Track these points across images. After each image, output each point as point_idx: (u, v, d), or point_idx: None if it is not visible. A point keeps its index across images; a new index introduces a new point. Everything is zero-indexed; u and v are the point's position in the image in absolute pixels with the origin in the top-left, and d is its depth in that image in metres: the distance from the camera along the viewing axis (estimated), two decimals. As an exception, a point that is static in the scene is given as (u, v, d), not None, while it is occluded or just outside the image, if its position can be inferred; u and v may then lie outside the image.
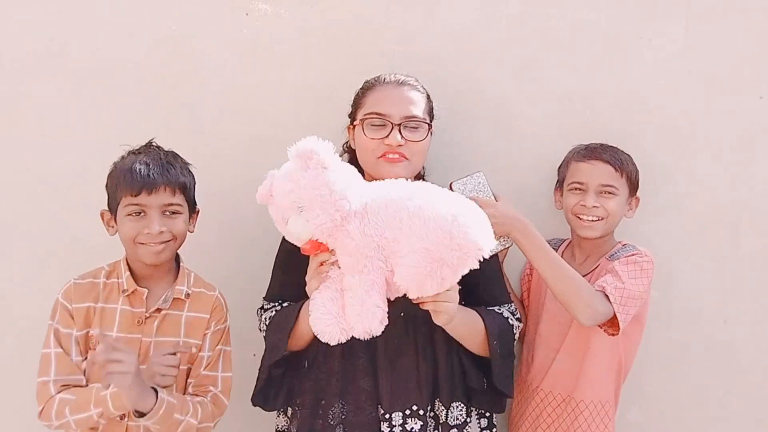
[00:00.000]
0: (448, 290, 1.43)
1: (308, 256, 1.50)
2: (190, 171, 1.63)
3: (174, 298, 1.61)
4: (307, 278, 1.52)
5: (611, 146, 1.79)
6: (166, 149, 1.62)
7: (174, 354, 1.52)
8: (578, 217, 1.76)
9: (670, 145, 1.96)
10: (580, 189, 1.76)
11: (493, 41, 1.94)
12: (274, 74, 1.93)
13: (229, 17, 1.91)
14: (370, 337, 1.42)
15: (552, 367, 1.80)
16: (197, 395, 1.61)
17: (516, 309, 1.73)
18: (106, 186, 1.60)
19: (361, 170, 1.69)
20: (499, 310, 1.68)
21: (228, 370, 1.66)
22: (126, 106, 1.93)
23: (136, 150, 1.60)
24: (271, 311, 1.67)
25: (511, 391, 1.68)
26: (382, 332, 1.43)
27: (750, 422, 2.06)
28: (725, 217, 1.99)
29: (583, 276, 1.72)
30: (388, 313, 1.44)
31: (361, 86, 1.70)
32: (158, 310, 1.60)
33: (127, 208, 1.54)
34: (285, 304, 1.67)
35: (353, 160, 1.73)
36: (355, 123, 1.67)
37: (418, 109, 1.63)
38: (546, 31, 1.94)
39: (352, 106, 1.71)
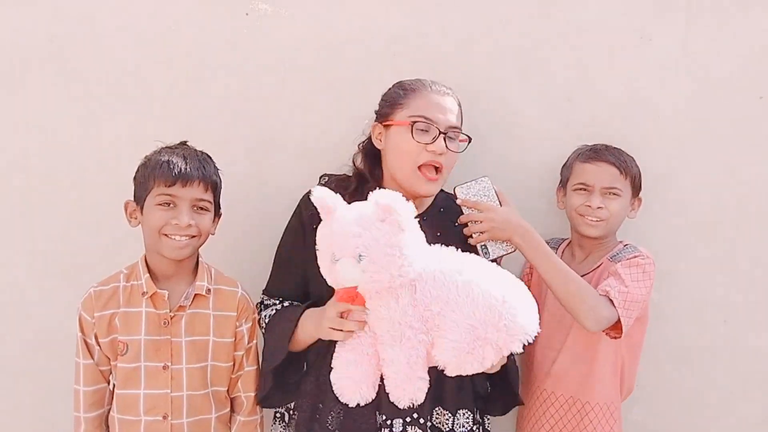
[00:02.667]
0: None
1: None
2: (219, 174, 1.64)
3: (195, 294, 1.62)
4: (325, 323, 1.46)
5: (615, 148, 1.79)
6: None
7: None
8: (582, 216, 1.76)
9: (671, 145, 1.96)
10: (585, 189, 1.76)
11: (493, 41, 1.94)
12: (274, 74, 1.93)
13: (229, 17, 1.91)
14: (412, 405, 1.42)
15: (553, 368, 1.80)
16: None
17: None
18: (135, 177, 1.60)
19: (381, 173, 1.67)
20: None
21: (254, 363, 1.70)
22: (125, 105, 1.92)
23: (171, 146, 1.61)
24: (272, 309, 1.67)
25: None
26: None
27: (750, 422, 2.06)
28: (725, 217, 1.99)
29: (584, 275, 1.73)
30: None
31: (399, 86, 1.65)
32: (181, 307, 1.60)
33: (159, 197, 1.54)
34: (285, 303, 1.67)
35: (374, 161, 1.69)
36: (390, 122, 1.62)
37: (459, 121, 1.64)
38: (546, 31, 1.94)
39: (386, 104, 1.66)
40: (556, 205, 1.89)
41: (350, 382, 1.43)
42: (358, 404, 1.45)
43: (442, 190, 1.74)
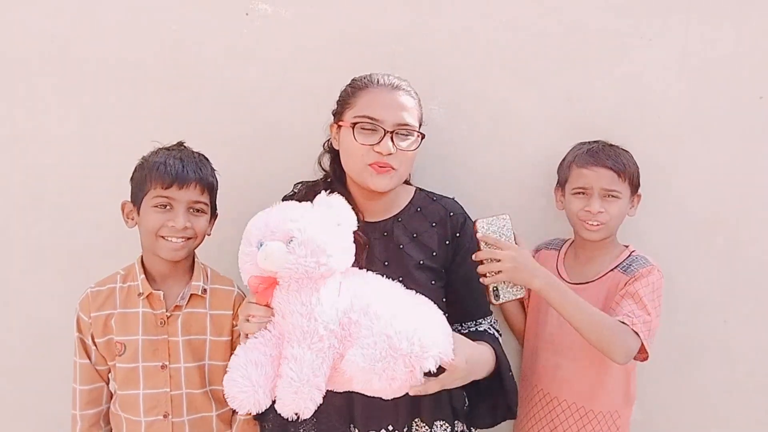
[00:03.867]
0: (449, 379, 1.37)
1: None
2: (215, 176, 1.64)
3: (191, 294, 1.62)
4: (239, 322, 1.45)
5: (612, 146, 1.78)
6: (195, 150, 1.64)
7: None
8: (582, 221, 1.75)
9: (670, 145, 1.96)
10: (583, 194, 1.75)
11: (492, 41, 1.94)
12: (273, 74, 1.93)
13: (229, 17, 1.91)
14: (295, 418, 1.32)
15: (557, 372, 1.79)
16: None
17: (495, 320, 1.71)
18: (132, 178, 1.61)
19: (343, 172, 1.64)
20: (484, 324, 1.66)
21: None
22: (125, 106, 1.93)
23: (168, 147, 1.62)
24: None
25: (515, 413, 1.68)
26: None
27: (750, 422, 2.06)
28: (725, 217, 1.99)
29: (591, 282, 1.74)
30: None
31: (349, 83, 1.63)
32: (177, 307, 1.61)
33: (155, 200, 1.55)
34: None
35: (336, 161, 1.67)
36: (341, 123, 1.59)
37: (411, 117, 1.56)
38: (546, 31, 1.94)
39: (338, 103, 1.64)
40: (555, 206, 1.88)
41: (247, 385, 1.32)
42: (258, 413, 1.35)
43: (422, 190, 1.71)
